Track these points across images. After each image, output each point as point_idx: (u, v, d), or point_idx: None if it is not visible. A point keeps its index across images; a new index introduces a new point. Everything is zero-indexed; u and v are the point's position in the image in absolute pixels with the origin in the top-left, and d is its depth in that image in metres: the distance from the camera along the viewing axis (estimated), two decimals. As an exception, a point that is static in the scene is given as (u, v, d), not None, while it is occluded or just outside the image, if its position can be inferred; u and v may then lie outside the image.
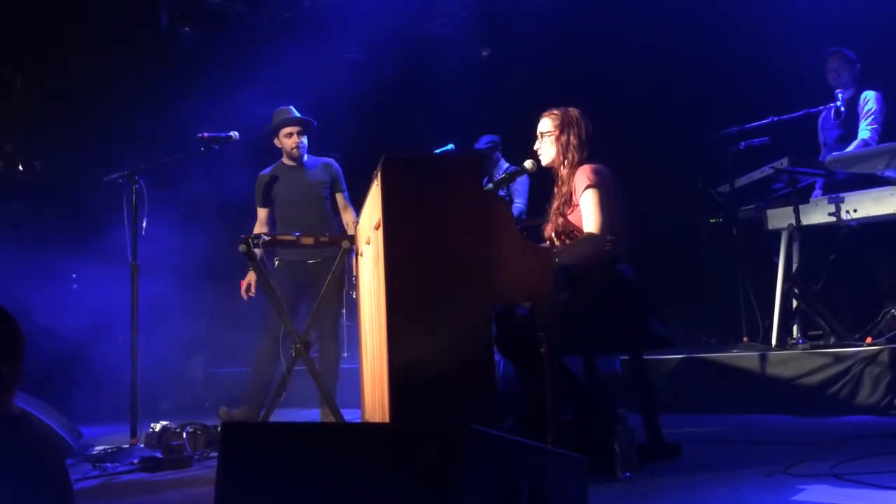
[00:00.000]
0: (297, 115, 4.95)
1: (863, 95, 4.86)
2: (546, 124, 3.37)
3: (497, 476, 1.71)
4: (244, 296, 4.83)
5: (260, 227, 4.94)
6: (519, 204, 5.80)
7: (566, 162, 3.29)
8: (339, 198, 5.01)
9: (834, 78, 4.99)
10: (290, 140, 4.88)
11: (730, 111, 5.43)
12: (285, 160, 4.97)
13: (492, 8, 7.38)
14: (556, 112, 3.36)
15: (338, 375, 4.77)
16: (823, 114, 5.01)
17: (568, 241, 3.22)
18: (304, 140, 4.93)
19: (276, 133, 4.93)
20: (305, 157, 4.97)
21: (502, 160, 6.03)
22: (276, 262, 4.87)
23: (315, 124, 5.03)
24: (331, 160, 5.08)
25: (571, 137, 3.28)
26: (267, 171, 4.99)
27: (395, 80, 8.01)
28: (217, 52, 7.17)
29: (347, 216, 4.99)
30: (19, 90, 6.73)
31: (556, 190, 3.36)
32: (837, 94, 4.84)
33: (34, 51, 6.58)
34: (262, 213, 4.97)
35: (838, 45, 4.98)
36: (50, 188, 6.37)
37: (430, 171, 2.73)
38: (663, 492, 2.67)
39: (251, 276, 4.78)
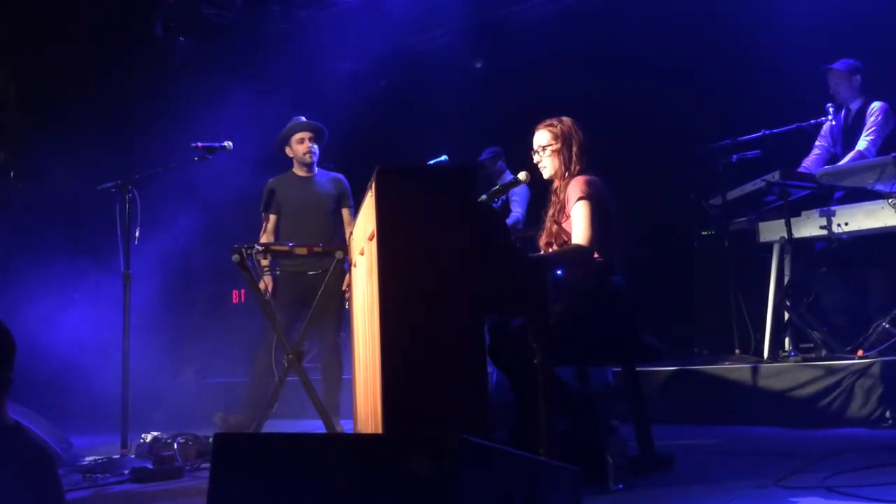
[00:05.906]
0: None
1: (870, 106, 4.79)
2: (544, 137, 3.34)
3: (489, 487, 1.71)
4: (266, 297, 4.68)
5: (267, 236, 4.88)
6: (517, 213, 5.80)
7: (567, 174, 3.29)
8: (345, 213, 4.98)
9: (835, 94, 4.94)
10: (301, 146, 4.87)
11: (722, 124, 5.45)
12: (296, 170, 4.96)
13: (486, 20, 7.41)
14: (553, 124, 3.34)
15: (340, 387, 4.73)
16: (830, 126, 4.92)
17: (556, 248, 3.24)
18: (317, 148, 4.90)
19: (287, 141, 4.91)
20: (316, 169, 4.96)
21: (507, 171, 6.01)
22: (278, 272, 4.84)
23: (327, 133, 5.02)
24: (341, 175, 5.06)
25: (574, 148, 3.28)
26: (276, 178, 4.97)
27: (389, 92, 8.03)
28: (212, 62, 7.18)
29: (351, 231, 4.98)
30: (13, 98, 6.72)
31: (553, 198, 3.36)
32: (828, 108, 4.84)
33: (28, 59, 6.58)
34: (270, 220, 4.91)
35: (834, 59, 4.94)
36: (44, 197, 6.35)
37: (424, 182, 2.73)
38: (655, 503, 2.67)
39: (268, 280, 4.74)
